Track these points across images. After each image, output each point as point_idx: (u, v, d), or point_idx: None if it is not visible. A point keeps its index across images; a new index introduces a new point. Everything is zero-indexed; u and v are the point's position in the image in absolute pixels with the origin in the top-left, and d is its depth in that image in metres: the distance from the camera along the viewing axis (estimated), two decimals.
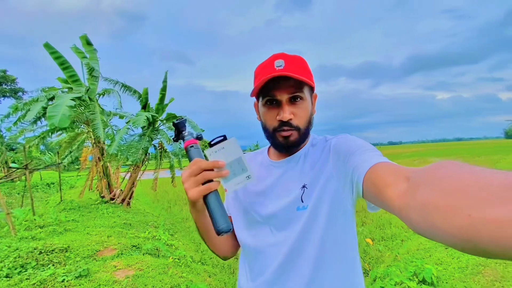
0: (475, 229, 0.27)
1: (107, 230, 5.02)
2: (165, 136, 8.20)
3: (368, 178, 0.54)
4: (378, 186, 0.50)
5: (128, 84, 8.18)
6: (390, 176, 0.48)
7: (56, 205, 7.75)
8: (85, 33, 7.55)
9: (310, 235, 0.68)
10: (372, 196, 0.54)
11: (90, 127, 7.38)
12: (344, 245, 0.70)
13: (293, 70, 0.69)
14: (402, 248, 4.55)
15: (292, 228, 0.70)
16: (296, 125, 0.71)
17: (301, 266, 0.68)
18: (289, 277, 0.69)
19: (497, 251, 0.26)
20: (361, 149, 0.62)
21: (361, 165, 0.57)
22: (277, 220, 0.72)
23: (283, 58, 0.71)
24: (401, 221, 0.41)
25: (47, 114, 5.53)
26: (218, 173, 0.63)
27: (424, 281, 2.61)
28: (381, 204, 0.50)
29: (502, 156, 20.85)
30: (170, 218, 8.12)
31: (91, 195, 9.15)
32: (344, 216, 0.68)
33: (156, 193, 11.60)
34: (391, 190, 0.45)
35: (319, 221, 0.67)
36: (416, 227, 0.37)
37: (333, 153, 0.68)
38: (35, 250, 3.61)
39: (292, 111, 0.70)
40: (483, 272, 2.77)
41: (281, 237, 0.71)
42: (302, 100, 0.71)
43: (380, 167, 0.53)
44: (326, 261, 0.68)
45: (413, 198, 0.38)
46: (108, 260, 3.62)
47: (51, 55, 7.12)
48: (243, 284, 0.79)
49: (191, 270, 3.82)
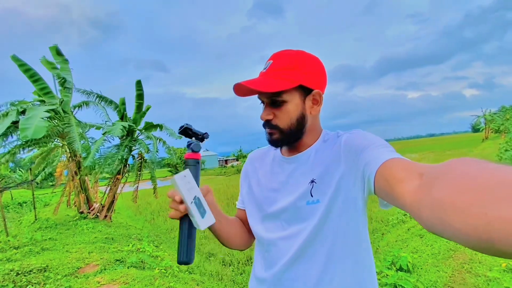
0: (492, 228, 0.26)
1: (88, 246, 4.85)
2: (143, 146, 8.04)
3: (380, 174, 0.54)
4: (390, 182, 0.49)
5: (103, 95, 7.98)
6: (402, 172, 0.48)
7: (30, 224, 7.34)
8: (56, 44, 7.30)
9: (322, 229, 0.69)
10: (384, 192, 0.53)
11: (65, 140, 7.10)
12: (355, 241, 0.70)
13: (274, 73, 0.70)
14: (382, 241, 4.77)
15: (304, 222, 0.71)
16: (275, 124, 0.72)
17: (313, 259, 0.69)
18: (301, 269, 0.71)
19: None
20: (373, 145, 0.61)
21: (373, 161, 0.57)
22: (288, 214, 0.74)
23: (274, 58, 0.73)
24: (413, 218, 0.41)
25: (20, 126, 5.25)
26: (176, 206, 0.65)
27: (401, 269, 2.77)
28: (393, 200, 0.49)
29: (470, 149, 22.33)
30: (154, 229, 7.94)
31: (68, 211, 8.74)
32: (355, 212, 0.68)
33: (138, 205, 11.28)
34: (404, 186, 0.45)
35: (331, 216, 0.68)
36: (428, 224, 0.36)
37: (345, 149, 0.68)
38: (11, 272, 3.43)
39: (274, 112, 0.72)
40: (454, 256, 3.00)
41: (293, 231, 0.72)
42: (285, 103, 0.71)
43: (393, 163, 0.52)
44: (337, 256, 0.69)
45: (426, 195, 0.37)
46: (90, 277, 3.51)
47: (20, 67, 6.80)
48: (258, 273, 0.81)
49: (178, 279, 3.78)
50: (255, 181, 0.87)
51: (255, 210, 0.84)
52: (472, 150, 20.55)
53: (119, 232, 6.38)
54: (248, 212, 0.86)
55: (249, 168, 0.92)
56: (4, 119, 6.06)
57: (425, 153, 26.49)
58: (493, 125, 29.02)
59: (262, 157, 0.90)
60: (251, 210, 0.85)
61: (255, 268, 0.84)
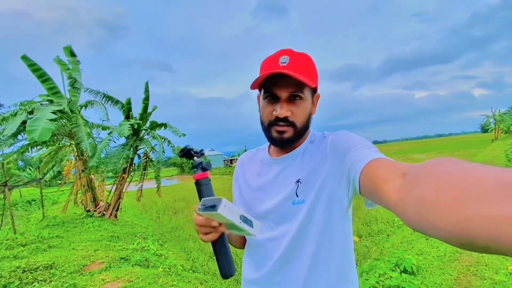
0: (471, 226, 0.27)
1: (94, 244, 4.92)
2: (148, 145, 8.12)
3: (365, 174, 0.54)
4: (374, 182, 0.50)
5: (110, 95, 8.08)
6: (387, 172, 0.48)
7: (38, 222, 7.47)
8: (70, 45, 7.45)
9: (308, 229, 0.69)
10: (369, 192, 0.53)
11: (73, 140, 7.21)
12: (340, 241, 0.71)
13: (296, 69, 0.68)
14: (387, 242, 4.72)
15: (290, 222, 0.71)
16: (292, 121, 0.71)
17: (300, 259, 0.70)
18: (289, 269, 0.72)
19: (493, 247, 0.26)
20: (358, 145, 0.62)
21: (358, 161, 0.57)
22: (275, 214, 0.74)
23: (289, 54, 0.71)
24: (397, 216, 0.41)
25: (27, 128, 5.37)
26: (213, 230, 0.64)
27: (406, 271, 2.74)
28: (378, 200, 0.50)
29: (479, 149, 21.90)
30: (159, 228, 8.01)
31: (75, 209, 8.88)
32: (340, 212, 0.68)
33: (144, 204, 11.41)
34: (388, 186, 0.45)
35: (316, 216, 0.69)
36: (411, 223, 0.36)
37: (330, 149, 0.69)
38: (18, 269, 3.50)
39: (290, 109, 0.71)
40: (459, 259, 2.94)
41: (280, 231, 0.73)
42: (302, 100, 0.71)
43: (377, 163, 0.53)
44: (323, 256, 0.70)
45: (409, 194, 0.38)
46: (95, 274, 3.56)
47: (29, 67, 6.94)
48: (247, 275, 0.82)
49: (182, 278, 3.81)
50: (244, 183, 0.87)
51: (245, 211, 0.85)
52: (481, 150, 20.16)
53: (125, 231, 6.46)
54: None
55: (239, 171, 0.92)
56: (13, 118, 6.19)
57: (433, 154, 26.10)
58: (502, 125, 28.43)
59: (251, 159, 0.91)
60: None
61: (245, 271, 0.85)
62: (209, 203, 0.61)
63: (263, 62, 0.77)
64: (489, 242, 0.26)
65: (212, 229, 0.64)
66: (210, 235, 0.65)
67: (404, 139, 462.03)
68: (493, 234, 0.25)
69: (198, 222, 0.65)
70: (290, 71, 0.67)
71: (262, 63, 0.77)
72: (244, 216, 0.65)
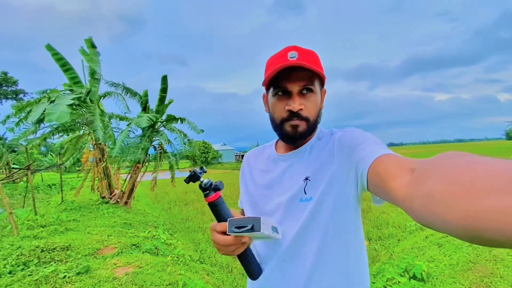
0: (480, 218, 0.27)
1: (108, 230, 5.11)
2: (164, 137, 8.30)
3: (373, 170, 0.54)
4: (382, 178, 0.50)
5: (128, 86, 8.30)
6: (394, 167, 0.48)
7: (57, 206, 7.84)
8: (91, 36, 7.70)
9: (313, 226, 0.69)
10: (377, 188, 0.53)
11: (90, 128, 7.49)
12: (347, 240, 0.70)
13: (307, 62, 0.69)
14: (397, 247, 4.62)
15: (295, 219, 0.71)
16: (305, 116, 0.71)
17: (304, 256, 0.70)
18: (292, 265, 0.71)
19: (502, 240, 0.26)
20: (366, 142, 0.62)
21: (366, 158, 0.57)
22: (282, 211, 0.74)
23: (297, 50, 0.71)
24: (405, 212, 0.41)
25: (46, 111, 5.66)
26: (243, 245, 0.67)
27: (415, 277, 2.68)
28: (385, 195, 0.49)
29: (502, 157, 20.86)
30: (170, 218, 8.20)
31: (92, 195, 9.24)
32: (347, 209, 0.68)
33: (156, 194, 11.70)
34: (396, 181, 0.45)
35: (322, 213, 0.68)
36: (419, 217, 0.36)
37: (338, 146, 0.69)
38: (37, 248, 3.69)
39: (302, 102, 0.71)
40: (473, 269, 2.84)
41: (285, 228, 0.72)
42: (313, 93, 0.72)
43: (385, 159, 0.53)
44: (327, 254, 0.69)
45: (417, 188, 0.37)
46: (108, 258, 3.70)
47: (53, 56, 7.23)
48: None
49: (189, 268, 3.89)
50: (250, 180, 0.87)
51: (251, 208, 0.84)
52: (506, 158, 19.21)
53: (137, 219, 6.66)
54: (245, 211, 0.88)
55: (245, 168, 0.92)
56: (37, 106, 6.49)
57: None
58: None
59: (257, 156, 0.90)
60: (247, 209, 0.86)
61: None
62: (242, 223, 0.61)
63: (269, 60, 0.76)
64: (498, 235, 0.26)
65: (241, 245, 0.66)
66: (238, 249, 0.67)
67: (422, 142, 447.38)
68: (503, 226, 0.25)
69: (225, 243, 0.64)
70: (303, 62, 0.68)
71: (268, 61, 0.76)
72: (274, 226, 0.67)
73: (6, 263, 3.32)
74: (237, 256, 0.70)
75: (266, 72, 0.75)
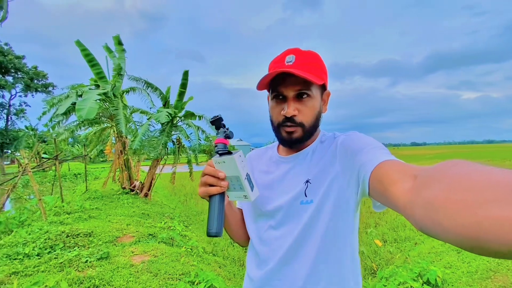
0: (482, 228, 0.26)
1: (127, 219, 5.36)
2: (183, 132, 8.50)
3: (375, 175, 0.53)
4: (384, 184, 0.49)
5: (150, 82, 8.56)
6: (396, 173, 0.48)
7: (82, 194, 8.29)
8: (118, 34, 8.03)
9: (313, 229, 0.69)
10: (378, 193, 0.53)
11: (113, 121, 7.82)
12: (344, 243, 0.70)
13: (302, 67, 0.68)
14: (413, 250, 4.48)
15: (295, 221, 0.71)
16: (299, 121, 0.71)
17: (303, 259, 0.70)
18: (291, 268, 0.71)
19: (503, 250, 0.25)
20: (369, 147, 0.61)
21: (368, 163, 0.57)
22: (282, 213, 0.74)
23: (295, 53, 0.71)
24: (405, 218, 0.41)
25: (76, 107, 6.04)
26: (217, 182, 0.66)
27: (429, 283, 2.60)
28: (387, 201, 0.49)
29: None
30: (186, 210, 8.44)
31: (113, 186, 9.69)
32: (346, 213, 0.68)
33: (173, 186, 12.04)
34: (397, 188, 0.45)
35: (322, 216, 0.68)
36: (420, 224, 0.36)
37: (340, 150, 0.68)
38: (62, 233, 3.96)
39: (297, 107, 0.70)
40: (493, 278, 2.72)
41: (285, 230, 0.73)
42: (309, 97, 0.71)
43: (387, 165, 0.52)
44: (325, 257, 0.69)
45: (419, 196, 0.37)
46: (126, 246, 3.90)
47: (82, 52, 7.59)
48: (250, 272, 0.83)
49: (202, 259, 4.01)
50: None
51: (250, 209, 0.85)
52: None
53: (154, 210, 6.91)
54: (244, 212, 0.88)
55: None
56: (66, 100, 6.88)
57: (480, 161, 23.74)
58: None
59: (259, 157, 0.90)
60: (246, 210, 0.87)
61: (248, 267, 0.86)
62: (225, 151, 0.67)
63: (270, 62, 0.77)
64: (499, 245, 0.25)
65: (216, 181, 0.66)
66: (212, 188, 0.67)
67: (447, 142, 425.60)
68: (504, 236, 0.25)
69: (205, 171, 0.68)
70: (295, 69, 0.67)
71: (270, 63, 0.77)
72: (249, 175, 0.68)
73: (35, 246, 3.59)
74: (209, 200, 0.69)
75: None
